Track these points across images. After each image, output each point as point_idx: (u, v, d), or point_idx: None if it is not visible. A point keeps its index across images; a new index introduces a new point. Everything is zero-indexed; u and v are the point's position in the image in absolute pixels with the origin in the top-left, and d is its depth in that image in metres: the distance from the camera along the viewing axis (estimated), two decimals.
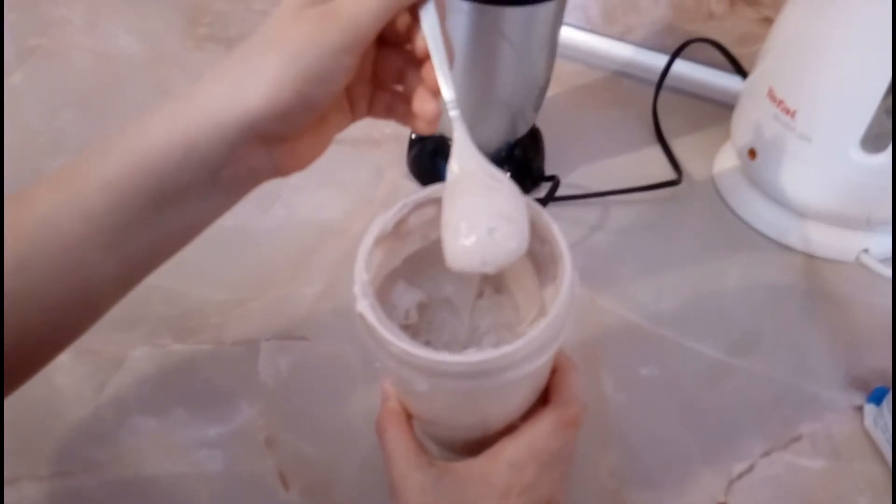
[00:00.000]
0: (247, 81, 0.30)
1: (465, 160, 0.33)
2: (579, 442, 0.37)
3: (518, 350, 0.29)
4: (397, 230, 0.35)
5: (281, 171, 0.33)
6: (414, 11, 0.32)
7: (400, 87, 0.36)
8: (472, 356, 0.29)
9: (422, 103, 0.34)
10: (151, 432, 0.44)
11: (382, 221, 0.34)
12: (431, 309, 0.40)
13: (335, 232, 0.58)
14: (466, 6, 0.50)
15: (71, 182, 0.30)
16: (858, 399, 0.49)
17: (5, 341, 0.29)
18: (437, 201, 0.34)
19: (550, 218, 0.34)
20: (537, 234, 0.35)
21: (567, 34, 0.75)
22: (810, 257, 0.59)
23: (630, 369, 0.50)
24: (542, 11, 0.52)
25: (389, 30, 0.33)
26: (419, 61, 0.33)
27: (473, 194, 0.32)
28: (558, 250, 0.33)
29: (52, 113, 0.67)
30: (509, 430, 0.35)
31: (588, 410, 0.36)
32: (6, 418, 0.32)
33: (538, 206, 0.35)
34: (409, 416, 0.36)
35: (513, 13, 0.50)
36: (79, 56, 0.74)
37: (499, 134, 0.59)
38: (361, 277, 0.31)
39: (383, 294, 0.36)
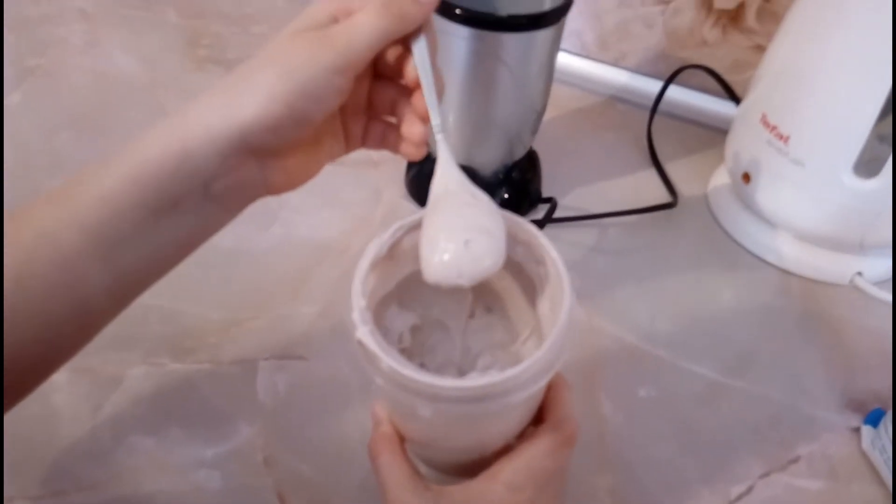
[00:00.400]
0: (241, 95, 0.31)
1: (448, 179, 0.34)
2: (577, 463, 0.37)
3: (522, 373, 0.29)
4: (391, 254, 0.35)
5: (272, 188, 0.34)
6: (407, 43, 0.34)
7: (393, 119, 0.37)
8: (476, 380, 0.29)
9: (409, 127, 0.35)
10: (149, 452, 0.44)
11: (377, 246, 0.34)
12: (424, 331, 0.40)
13: (333, 252, 0.58)
14: (466, 32, 0.51)
15: (68, 197, 0.30)
16: (855, 420, 0.50)
17: (4, 358, 0.29)
18: None
19: (546, 240, 0.34)
20: (533, 254, 0.36)
21: (562, 60, 0.76)
22: (805, 280, 0.60)
23: (628, 390, 0.50)
24: (540, 37, 0.53)
25: (383, 63, 0.35)
26: (411, 91, 0.35)
27: (452, 211, 0.33)
28: (555, 271, 0.33)
29: (50, 133, 0.67)
30: (505, 450, 0.35)
31: (585, 431, 0.36)
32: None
33: (534, 228, 0.35)
34: (401, 440, 0.36)
35: (511, 39, 0.51)
36: (78, 76, 0.74)
37: (497, 157, 0.60)
38: (359, 304, 0.31)
39: (377, 318, 0.36)
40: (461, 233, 0.31)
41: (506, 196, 0.61)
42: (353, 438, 0.46)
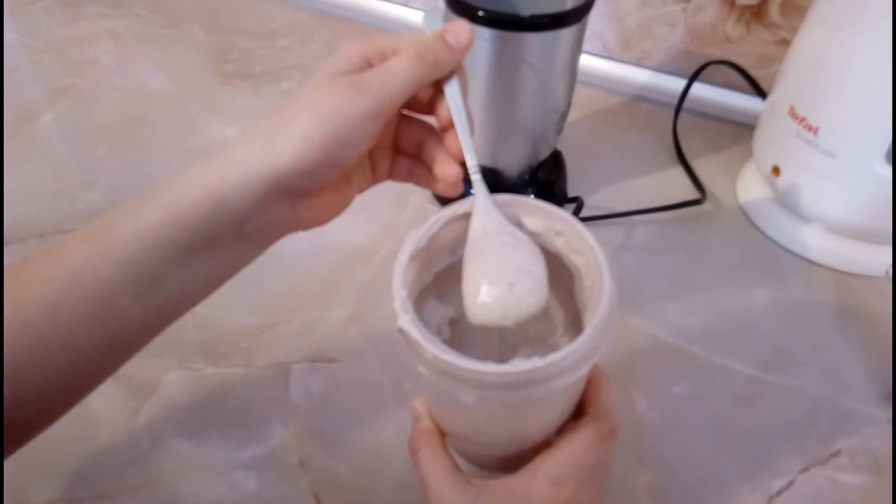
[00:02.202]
0: (277, 140, 0.31)
1: (487, 221, 0.34)
2: (615, 460, 0.37)
3: (564, 358, 0.29)
4: (430, 246, 0.35)
5: (303, 225, 0.35)
6: (438, 85, 0.34)
7: (419, 156, 0.38)
8: (519, 366, 0.29)
9: (444, 168, 0.36)
10: (186, 455, 0.44)
11: (416, 237, 0.34)
12: (461, 324, 0.41)
13: (362, 256, 0.58)
14: (488, 33, 0.51)
15: (104, 233, 0.31)
16: None
17: (32, 388, 0.29)
18: (466, 216, 0.35)
19: (585, 228, 0.34)
20: (571, 245, 0.35)
21: (585, 61, 0.76)
22: (838, 273, 0.59)
23: (663, 388, 0.50)
24: (563, 36, 0.53)
25: (412, 100, 0.35)
26: (437, 131, 0.36)
27: (494, 252, 0.33)
28: (594, 259, 0.33)
29: (84, 149, 0.69)
30: (546, 444, 0.34)
31: (622, 429, 0.35)
32: (42, 443, 0.33)
33: (573, 219, 0.35)
34: (442, 435, 0.36)
35: (535, 39, 0.52)
36: (109, 94, 0.76)
37: (522, 157, 0.60)
38: (400, 293, 0.32)
39: (416, 310, 0.36)
40: (504, 275, 0.32)
41: (532, 196, 0.61)
42: (388, 439, 0.46)
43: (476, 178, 0.35)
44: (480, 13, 0.50)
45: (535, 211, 0.36)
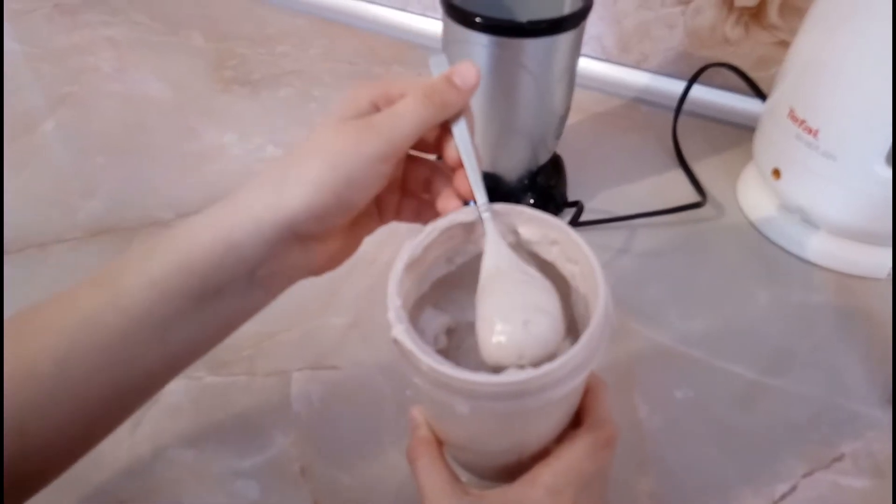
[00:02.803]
0: (289, 185, 0.31)
1: (499, 258, 0.34)
2: (616, 466, 0.37)
3: (559, 368, 0.29)
4: (425, 255, 0.35)
5: (314, 270, 0.35)
6: (445, 125, 0.35)
7: (426, 196, 0.38)
8: (514, 376, 0.29)
9: (446, 203, 0.36)
10: (188, 464, 0.44)
11: (411, 247, 0.34)
12: (458, 333, 0.40)
13: (362, 263, 0.58)
14: (487, 39, 0.51)
15: (113, 282, 0.31)
16: None
17: (38, 440, 0.29)
18: (462, 225, 0.35)
19: (579, 236, 0.34)
20: (566, 253, 0.35)
21: (584, 64, 0.76)
22: (840, 275, 0.58)
23: (664, 392, 0.50)
24: (561, 42, 0.53)
25: (419, 141, 0.35)
26: (444, 169, 0.36)
27: (507, 290, 0.33)
28: (588, 268, 0.33)
29: (83, 157, 0.69)
30: (543, 453, 0.34)
31: (623, 434, 0.35)
32: None
33: (566, 226, 0.35)
34: (440, 444, 0.36)
35: (532, 45, 0.52)
36: (109, 102, 0.76)
37: (521, 162, 0.60)
38: (395, 303, 0.32)
39: (413, 320, 0.36)
40: (518, 313, 0.31)
41: (531, 201, 0.61)
42: (389, 446, 0.46)
43: (486, 216, 0.35)
44: (478, 19, 0.50)
45: (530, 220, 0.36)
